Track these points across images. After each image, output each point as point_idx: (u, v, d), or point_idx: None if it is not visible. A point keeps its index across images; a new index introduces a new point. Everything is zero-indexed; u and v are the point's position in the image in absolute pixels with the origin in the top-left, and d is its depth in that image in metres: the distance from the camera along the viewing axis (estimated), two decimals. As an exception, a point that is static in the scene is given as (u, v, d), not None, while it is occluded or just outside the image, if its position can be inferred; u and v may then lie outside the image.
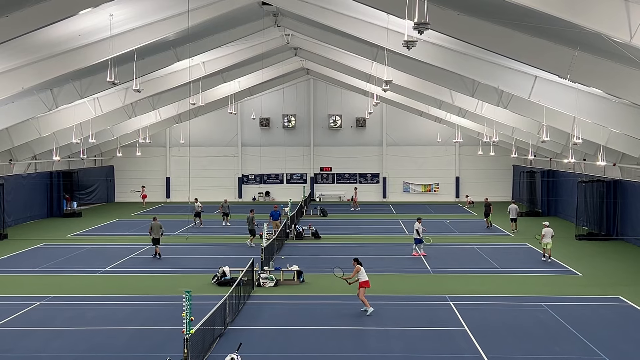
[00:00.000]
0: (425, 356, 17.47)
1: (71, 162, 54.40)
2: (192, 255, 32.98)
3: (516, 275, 28.07)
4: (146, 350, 17.86)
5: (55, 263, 31.10)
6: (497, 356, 17.37)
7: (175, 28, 27.59)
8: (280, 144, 62.23)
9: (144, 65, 31.71)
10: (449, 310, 22.03)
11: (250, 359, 16.37)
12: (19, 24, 20.54)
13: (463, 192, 59.94)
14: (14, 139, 39.76)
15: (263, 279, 25.91)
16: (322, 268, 29.10)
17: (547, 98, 27.88)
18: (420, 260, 31.38)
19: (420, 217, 33.69)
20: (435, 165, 61.35)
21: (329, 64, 46.03)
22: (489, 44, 22.92)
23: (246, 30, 33.52)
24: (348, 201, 60.64)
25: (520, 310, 22.25)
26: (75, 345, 18.45)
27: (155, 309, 22.56)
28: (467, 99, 37.58)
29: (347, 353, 17.70)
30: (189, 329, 15.07)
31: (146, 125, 53.78)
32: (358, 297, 21.90)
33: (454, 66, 29.09)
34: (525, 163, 56.41)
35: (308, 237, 38.26)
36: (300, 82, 61.34)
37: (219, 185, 60.70)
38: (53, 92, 33.12)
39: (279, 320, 21.06)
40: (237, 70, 44.52)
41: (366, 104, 55.93)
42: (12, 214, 43.67)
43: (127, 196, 61.36)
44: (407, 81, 38.25)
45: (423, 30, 16.39)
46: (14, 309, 22.23)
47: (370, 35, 28.82)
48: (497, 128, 43.97)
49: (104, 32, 25.54)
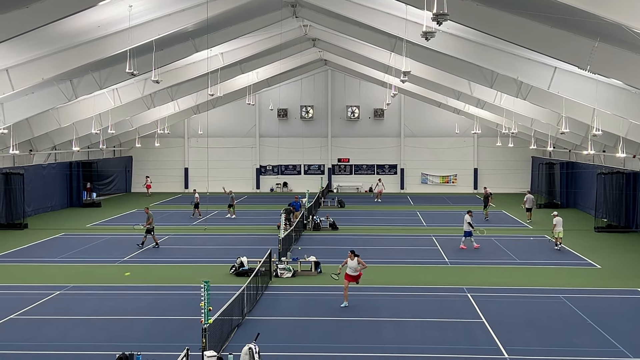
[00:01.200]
0: (442, 347, 17.41)
1: (90, 153, 54.71)
2: (210, 246, 33.06)
3: (534, 267, 27.90)
4: (164, 340, 17.95)
5: (75, 253, 31.30)
6: (515, 348, 17.29)
7: (194, 19, 27.48)
8: (298, 135, 62.20)
9: (162, 56, 31.74)
10: (467, 302, 21.96)
11: (267, 349, 16.38)
12: (39, 14, 20.49)
13: (481, 183, 59.64)
14: (34, 129, 40.02)
15: (281, 269, 25.96)
16: (340, 259, 28.78)
17: (566, 89, 27.56)
18: (438, 252, 31.35)
19: (471, 209, 33.57)
20: (453, 156, 61.09)
21: (347, 55, 45.82)
22: (508, 35, 22.67)
23: (264, 21, 33.38)
24: (366, 192, 60.67)
25: (538, 302, 22.15)
26: (95, 334, 18.56)
27: (173, 298, 22.65)
28: (486, 90, 37.34)
29: (364, 344, 17.69)
30: (207, 318, 15.10)
31: (165, 116, 53.98)
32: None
33: (473, 57, 28.85)
34: (544, 155, 56.02)
35: (325, 228, 38.25)
36: (318, 73, 61.21)
37: (237, 176, 60.75)
38: (73, 82, 33.24)
39: (296, 310, 21.11)
40: (255, 61, 44.45)
41: (384, 95, 55.86)
42: (32, 204, 44.00)
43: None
44: (425, 72, 38.09)
45: (442, 21, 16.25)
46: (34, 297, 22.40)
47: (389, 26, 28.64)
48: (516, 119, 43.69)
49: (123, 23, 25.48)
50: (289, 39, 39.44)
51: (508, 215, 44.52)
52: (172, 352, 16.34)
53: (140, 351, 15.47)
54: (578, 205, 48.51)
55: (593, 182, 42.32)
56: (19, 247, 32.81)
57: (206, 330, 15.10)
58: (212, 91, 38.13)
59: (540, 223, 40.23)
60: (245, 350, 14.80)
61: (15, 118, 33.71)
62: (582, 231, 37.06)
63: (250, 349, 14.79)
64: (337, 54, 47.54)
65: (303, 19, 36.81)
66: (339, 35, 39.17)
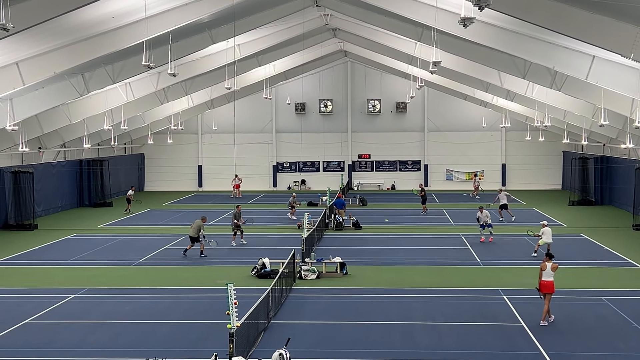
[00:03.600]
0: (480, 353, 16.78)
1: (101, 150, 53.74)
2: (229, 247, 32.05)
3: (572, 268, 26.85)
4: (187, 345, 17.48)
5: (88, 254, 30.53)
6: (559, 353, 16.63)
7: (212, 9, 26.74)
8: (317, 130, 60.92)
9: (178, 48, 30.91)
10: (503, 305, 21.23)
11: (298, 355, 15.80)
12: (51, 5, 19.92)
13: (509, 179, 58.36)
14: (44, 125, 38.98)
15: (305, 271, 25.14)
16: (366, 260, 28.45)
17: (605, 79, 26.50)
18: (469, 251, 30.35)
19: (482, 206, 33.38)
20: (479, 151, 59.64)
21: (369, 46, 44.79)
22: (545, 22, 21.81)
23: (284, 10, 32.51)
24: (388, 190, 59.55)
25: (579, 304, 21.42)
26: (113, 338, 18.14)
27: (193, 302, 22.09)
28: (517, 80, 36.30)
29: (397, 349, 17.10)
30: (233, 323, 14.54)
31: (178, 111, 52.96)
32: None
33: (505, 46, 27.90)
34: (576, 149, 54.58)
35: (348, 228, 37.23)
36: (338, 65, 59.99)
37: (253, 174, 59.64)
38: (84, 76, 32.39)
39: (323, 314, 20.47)
40: (273, 53, 43.55)
41: (407, 88, 54.47)
42: (42, 204, 43.18)
43: (158, 185, 60.87)
44: (452, 63, 37.00)
45: (484, 6, 15.87)
46: (49, 301, 21.80)
47: (417, 14, 27.73)
48: (548, 112, 42.48)
49: (138, 14, 24.67)
50: (309, 29, 38.57)
51: (540, 213, 43.31)
52: (196, 358, 16.16)
53: (164, 357, 15.22)
54: (614, 202, 47.22)
55: (630, 177, 41.03)
56: (30, 248, 32.09)
57: (233, 335, 14.54)
58: (228, 84, 37.13)
59: (574, 222, 39.19)
60: (276, 356, 14.49)
61: (24, 114, 32.81)
62: (620, 229, 36.11)
63: (281, 354, 14.48)
64: (359, 44, 46.50)
65: (324, 7, 35.94)
66: (361, 25, 38.17)
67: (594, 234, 34.51)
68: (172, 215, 43.49)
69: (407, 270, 26.41)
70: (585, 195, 49.73)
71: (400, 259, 28.75)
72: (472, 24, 18.02)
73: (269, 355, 14.66)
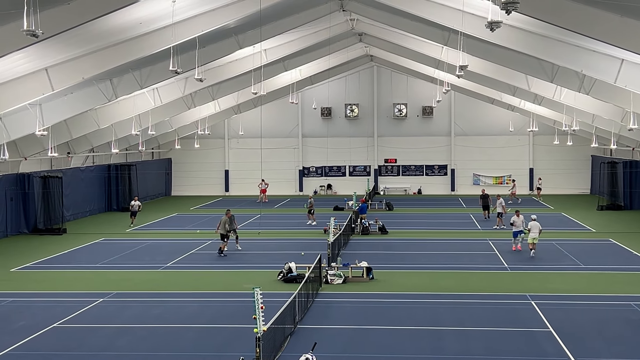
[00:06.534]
0: (508, 359, 16.60)
1: (129, 155, 54.06)
2: (255, 251, 32.10)
3: (601, 273, 26.56)
4: (215, 349, 17.43)
5: (116, 258, 30.66)
6: (587, 359, 16.37)
7: (239, 14, 26.75)
8: (343, 135, 60.81)
9: (205, 53, 30.97)
10: (531, 310, 20.93)
11: (324, 359, 15.71)
12: (81, 11, 19.94)
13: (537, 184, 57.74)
14: (72, 131, 39.43)
15: (331, 275, 25.02)
16: (392, 265, 28.23)
17: (635, 82, 26.25)
18: (496, 257, 30.04)
19: (518, 210, 32.59)
20: (507, 156, 59.10)
21: (394, 50, 44.68)
22: (575, 25, 21.62)
23: (311, 15, 32.55)
24: (414, 194, 59.32)
25: (608, 310, 21.04)
26: (142, 342, 18.12)
27: (220, 306, 22.07)
28: (545, 84, 35.98)
29: (425, 354, 16.91)
30: (260, 327, 14.53)
31: (205, 116, 53.16)
32: None
33: (533, 50, 27.70)
34: (605, 153, 54.02)
35: (375, 232, 37.03)
36: (364, 69, 59.84)
37: (279, 178, 59.66)
38: (113, 82, 32.68)
39: (350, 319, 20.32)
40: (299, 57, 43.62)
41: (433, 92, 54.10)
42: (70, 208, 43.48)
43: (185, 190, 61.06)
44: (479, 67, 36.85)
45: (511, 10, 15.64)
46: (77, 305, 21.84)
47: (443, 18, 27.61)
48: (577, 116, 42.05)
49: (166, 19, 24.79)
50: (335, 34, 38.49)
51: (569, 218, 42.85)
52: None
53: None
54: (644, 207, 46.78)
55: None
56: (59, 253, 32.24)
57: (260, 339, 14.50)
58: (255, 89, 37.21)
59: (603, 227, 38.65)
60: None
61: (53, 120, 33.16)
62: (650, 235, 35.77)
63: (308, 359, 14.33)
64: (385, 48, 46.37)
65: (350, 12, 35.93)
66: (387, 29, 38.10)
67: (623, 239, 34.03)
68: (199, 220, 43.61)
69: (434, 275, 26.19)
70: (614, 199, 49.25)
71: (427, 263, 28.55)
72: (500, 27, 17.78)
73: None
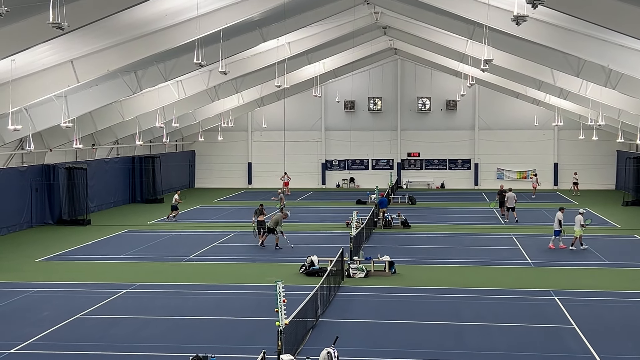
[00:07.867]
0: (531, 355, 16.42)
1: (153, 147, 54.35)
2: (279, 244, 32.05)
3: (627, 269, 26.27)
4: (236, 342, 17.46)
5: (140, 250, 30.84)
6: (611, 356, 16.21)
7: (262, 7, 26.81)
8: (366, 128, 60.68)
9: (229, 46, 31.00)
10: (555, 306, 20.75)
11: (346, 354, 15.63)
12: (105, 4, 20.07)
13: (562, 179, 57.28)
14: (97, 122, 39.72)
15: (353, 269, 24.97)
16: (414, 259, 28.13)
17: (662, 78, 25.92)
18: (520, 252, 29.84)
19: (563, 206, 32.11)
20: (531, 150, 58.65)
21: (419, 43, 44.43)
22: (601, 19, 21.29)
23: (335, 8, 32.41)
24: (437, 188, 59.06)
25: (633, 307, 20.84)
26: (166, 334, 18.18)
27: (243, 298, 22.07)
28: (571, 79, 35.60)
29: (448, 349, 16.80)
30: (282, 320, 14.50)
31: (229, 108, 53.28)
32: None
33: (559, 44, 27.47)
34: (630, 148, 53.42)
35: (397, 226, 36.95)
36: (387, 62, 59.52)
37: (302, 171, 59.71)
38: (137, 74, 32.82)
39: (372, 313, 20.31)
40: (323, 50, 43.49)
41: (457, 86, 53.75)
42: (95, 200, 43.82)
43: (208, 182, 61.27)
44: (504, 61, 36.53)
45: (538, 4, 15.66)
46: (101, 296, 21.97)
47: (469, 11, 27.44)
48: (602, 110, 41.54)
49: (190, 12, 24.83)
50: (359, 27, 38.37)
51: (593, 214, 42.33)
52: (245, 355, 16.17)
53: (214, 354, 15.08)
54: (671, 203, 46.10)
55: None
56: (83, 243, 32.45)
57: (282, 333, 14.47)
58: (278, 82, 37.23)
59: (628, 222, 38.35)
60: (324, 354, 14.35)
61: (79, 111, 33.38)
62: (677, 231, 35.33)
63: (329, 353, 14.34)
64: (409, 42, 46.12)
65: (375, 5, 35.80)
66: (411, 22, 37.85)
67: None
68: (222, 212, 43.76)
69: (456, 270, 26.07)
70: (641, 195, 48.64)
71: (450, 258, 28.40)
72: (525, 21, 17.59)
73: (317, 353, 14.52)
